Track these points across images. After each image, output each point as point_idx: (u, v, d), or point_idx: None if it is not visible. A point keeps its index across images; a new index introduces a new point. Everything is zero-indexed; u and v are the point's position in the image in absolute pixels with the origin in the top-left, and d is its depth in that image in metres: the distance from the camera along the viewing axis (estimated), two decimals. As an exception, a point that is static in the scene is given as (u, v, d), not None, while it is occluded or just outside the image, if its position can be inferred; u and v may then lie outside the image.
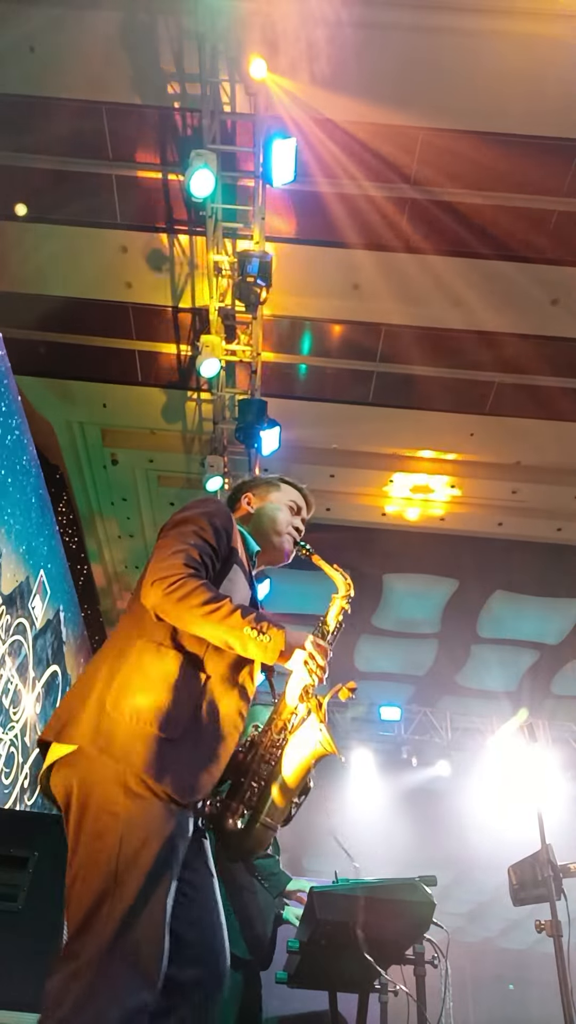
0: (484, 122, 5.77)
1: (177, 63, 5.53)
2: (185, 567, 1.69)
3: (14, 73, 5.71)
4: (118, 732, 1.55)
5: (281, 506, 2.18)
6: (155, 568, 1.70)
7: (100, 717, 1.57)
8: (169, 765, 1.54)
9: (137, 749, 1.53)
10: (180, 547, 1.74)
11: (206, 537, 1.81)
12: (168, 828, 1.52)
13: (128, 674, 1.64)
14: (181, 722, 1.61)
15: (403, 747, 11.04)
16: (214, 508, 1.93)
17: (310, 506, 2.26)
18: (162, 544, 1.79)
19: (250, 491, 2.22)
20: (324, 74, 5.56)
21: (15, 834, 2.70)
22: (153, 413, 8.28)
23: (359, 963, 2.14)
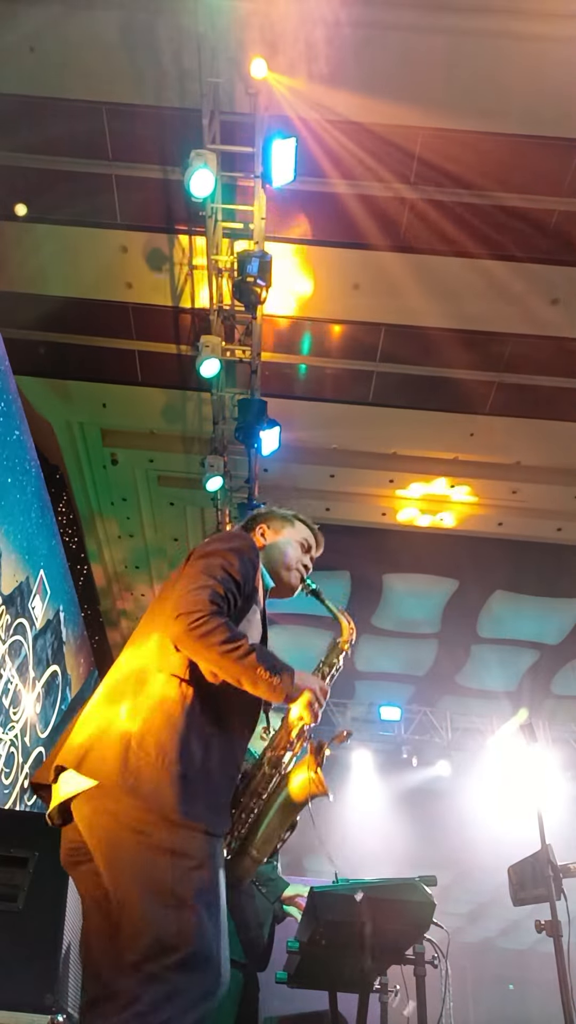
0: (484, 122, 5.77)
1: (177, 63, 5.53)
2: (210, 603, 1.73)
3: (14, 73, 5.70)
4: (145, 770, 1.57)
5: (293, 542, 2.22)
6: (181, 601, 1.73)
7: (127, 755, 1.58)
8: (195, 800, 1.58)
9: (165, 787, 1.56)
10: (207, 582, 1.77)
11: (232, 574, 1.84)
12: (211, 855, 1.56)
13: (152, 710, 1.66)
14: (198, 758, 1.64)
15: (403, 747, 11.04)
16: (246, 546, 1.96)
17: (320, 545, 2.29)
18: (190, 574, 1.82)
19: (265, 523, 2.25)
20: (324, 74, 5.56)
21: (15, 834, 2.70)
22: (153, 413, 8.28)
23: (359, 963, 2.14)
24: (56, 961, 2.45)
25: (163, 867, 1.51)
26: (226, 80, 5.37)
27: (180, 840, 1.53)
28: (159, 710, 1.66)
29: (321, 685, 1.83)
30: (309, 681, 1.80)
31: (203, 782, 1.62)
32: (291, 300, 7.01)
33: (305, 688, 1.78)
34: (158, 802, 1.54)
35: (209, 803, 1.61)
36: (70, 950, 2.56)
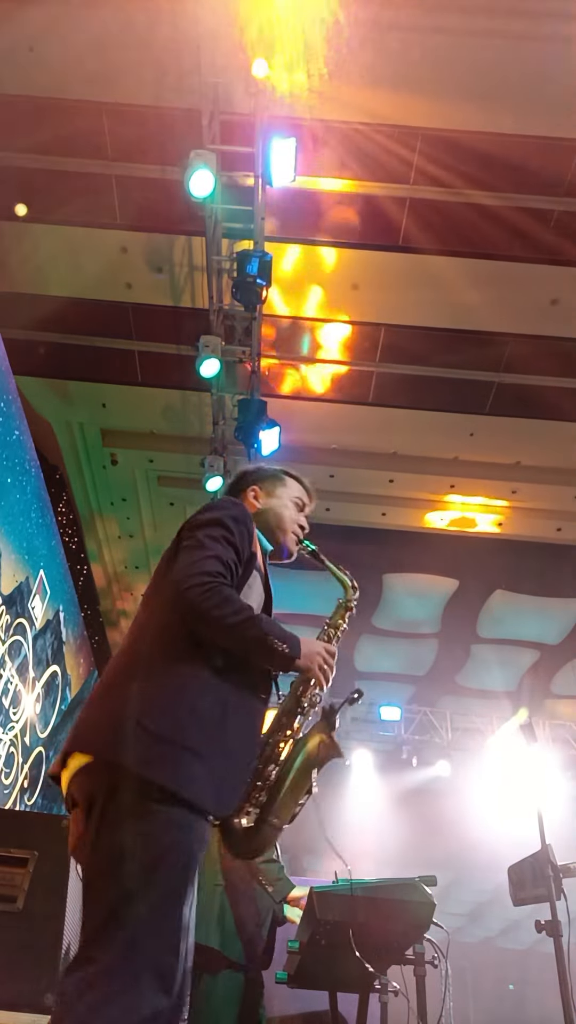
0: (484, 121, 5.77)
1: (177, 63, 5.53)
2: (216, 575, 1.70)
3: (14, 73, 5.71)
4: (149, 746, 1.54)
5: (287, 503, 2.16)
6: (186, 571, 1.70)
7: (128, 731, 1.55)
8: (196, 778, 1.54)
9: (167, 762, 1.53)
10: (209, 552, 1.75)
11: (232, 542, 1.82)
12: (188, 838, 1.52)
13: (158, 687, 1.62)
14: (208, 735, 1.60)
15: (403, 747, 11.03)
16: (238, 511, 1.92)
17: (312, 500, 2.24)
18: (190, 546, 1.78)
19: (256, 484, 2.18)
20: (323, 73, 5.56)
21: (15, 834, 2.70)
22: (153, 413, 8.28)
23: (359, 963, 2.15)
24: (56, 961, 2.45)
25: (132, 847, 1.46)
26: (226, 80, 5.37)
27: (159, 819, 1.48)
28: (166, 686, 1.62)
29: (327, 647, 1.83)
30: (315, 646, 1.81)
31: (214, 760, 1.58)
32: (291, 300, 7.01)
33: (313, 653, 1.78)
34: (156, 774, 1.50)
35: (214, 782, 1.57)
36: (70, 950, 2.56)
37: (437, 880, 2.33)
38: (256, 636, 1.68)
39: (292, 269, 6.68)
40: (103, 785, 1.53)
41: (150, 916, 1.42)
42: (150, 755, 1.52)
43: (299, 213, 6.38)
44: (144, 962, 1.39)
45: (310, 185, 6.13)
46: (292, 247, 6.57)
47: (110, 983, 1.35)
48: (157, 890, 1.45)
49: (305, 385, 8.00)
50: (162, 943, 1.42)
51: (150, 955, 1.40)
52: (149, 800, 1.49)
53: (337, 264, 6.74)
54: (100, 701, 1.67)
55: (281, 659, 1.72)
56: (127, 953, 1.38)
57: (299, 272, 6.77)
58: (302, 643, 1.76)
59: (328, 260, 6.73)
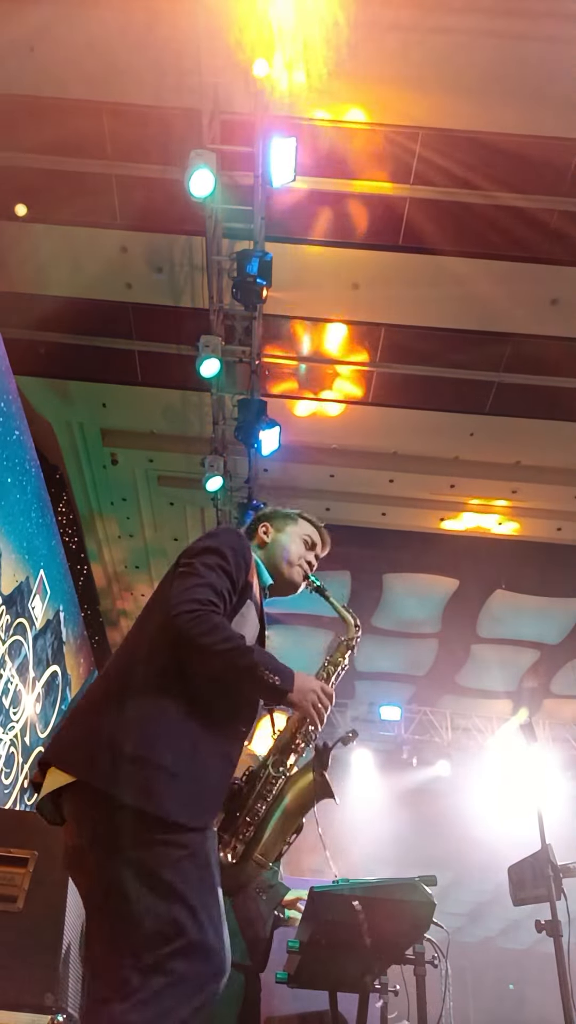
0: (484, 122, 5.77)
1: (177, 63, 5.53)
2: (207, 603, 1.71)
3: (14, 73, 5.70)
4: (124, 767, 1.56)
5: (295, 538, 2.19)
6: (178, 599, 1.71)
7: (107, 752, 1.58)
8: (177, 796, 1.57)
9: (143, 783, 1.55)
10: (203, 580, 1.76)
11: (227, 570, 1.83)
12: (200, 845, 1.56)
13: (134, 708, 1.64)
14: (183, 755, 1.62)
15: (403, 747, 11.04)
16: (236, 541, 1.93)
17: (325, 543, 2.27)
18: (185, 572, 1.80)
19: (268, 521, 2.23)
20: (323, 73, 5.56)
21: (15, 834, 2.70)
22: (153, 413, 8.28)
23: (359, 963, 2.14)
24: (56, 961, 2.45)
25: (152, 860, 1.51)
26: (226, 80, 5.37)
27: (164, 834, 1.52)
28: (142, 708, 1.64)
29: (323, 686, 1.80)
30: (311, 683, 1.77)
31: (187, 777, 1.60)
32: (291, 300, 7.01)
33: (307, 690, 1.75)
34: (136, 798, 1.53)
35: (193, 799, 1.59)
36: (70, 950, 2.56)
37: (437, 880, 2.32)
38: (246, 665, 1.67)
39: (292, 269, 6.68)
40: (92, 809, 1.56)
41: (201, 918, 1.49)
42: (123, 777, 1.55)
43: (299, 213, 6.38)
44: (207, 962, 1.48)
45: (310, 185, 6.13)
46: (292, 247, 6.56)
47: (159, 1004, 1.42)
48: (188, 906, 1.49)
49: (305, 385, 8.00)
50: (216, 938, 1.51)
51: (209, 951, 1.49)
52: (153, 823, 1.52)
53: (337, 264, 6.74)
54: (82, 719, 1.69)
55: (271, 692, 1.71)
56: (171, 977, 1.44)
57: (299, 272, 6.77)
58: (297, 678, 1.73)
59: (328, 260, 6.72)
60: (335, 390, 7.95)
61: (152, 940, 1.46)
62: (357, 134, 5.91)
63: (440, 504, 8.90)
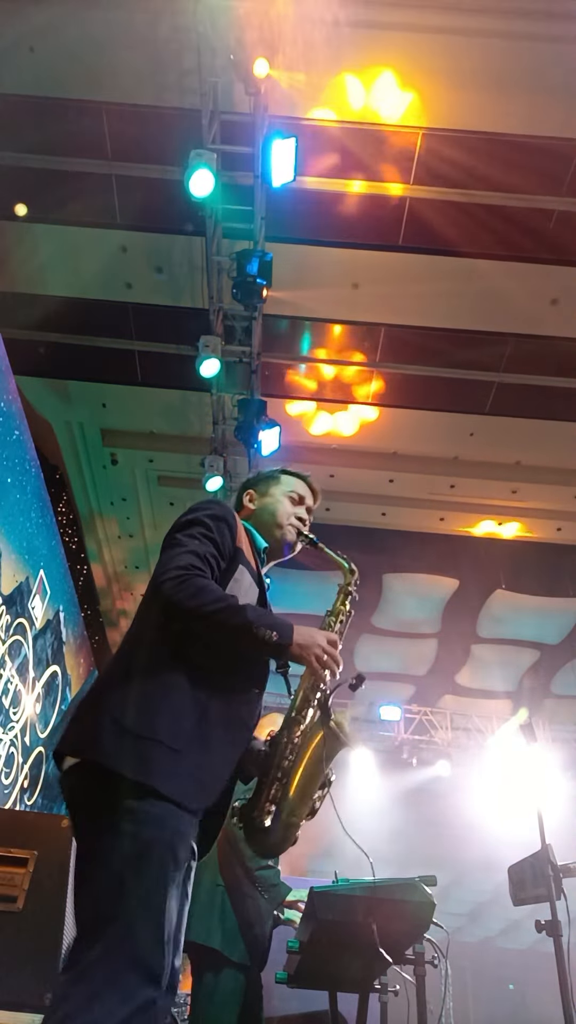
0: (484, 122, 5.77)
1: (177, 63, 5.53)
2: (191, 567, 1.69)
3: (14, 73, 5.71)
4: (124, 742, 1.55)
5: (281, 498, 2.14)
6: (161, 568, 1.70)
7: (108, 729, 1.57)
8: (173, 772, 1.54)
9: (141, 757, 1.54)
10: (184, 548, 1.74)
11: (211, 537, 1.81)
12: (166, 833, 1.52)
13: (136, 686, 1.63)
14: (187, 732, 1.60)
15: (403, 747, 11.03)
16: (218, 509, 1.91)
17: (315, 494, 2.21)
18: (167, 545, 1.79)
19: (252, 488, 2.20)
20: (323, 73, 5.56)
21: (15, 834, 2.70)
22: (153, 413, 8.28)
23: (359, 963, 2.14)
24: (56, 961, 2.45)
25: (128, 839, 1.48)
26: (226, 80, 5.37)
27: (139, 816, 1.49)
28: (144, 686, 1.62)
29: (328, 635, 1.75)
30: (313, 634, 1.72)
31: (192, 756, 1.58)
32: (291, 300, 7.01)
33: (310, 643, 1.70)
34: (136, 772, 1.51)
35: (192, 777, 1.57)
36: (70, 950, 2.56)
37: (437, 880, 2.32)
38: (239, 623, 1.63)
39: (292, 269, 6.68)
40: (85, 785, 1.56)
41: (135, 911, 1.44)
42: (124, 751, 1.53)
43: (299, 212, 6.38)
44: (130, 956, 1.41)
45: (310, 185, 6.13)
46: (292, 247, 6.56)
47: (98, 978, 1.37)
48: (140, 885, 1.46)
49: (305, 385, 8.00)
50: (148, 937, 1.44)
51: (137, 949, 1.42)
52: (127, 798, 1.50)
53: (337, 264, 6.74)
54: (85, 704, 1.68)
55: (271, 648, 1.66)
56: (113, 948, 1.40)
57: (299, 272, 6.77)
58: (296, 631, 1.69)
59: (328, 260, 6.72)
60: (336, 390, 7.95)
61: (80, 937, 1.46)
62: (357, 134, 5.91)
63: (440, 504, 8.90)
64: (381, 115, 5.81)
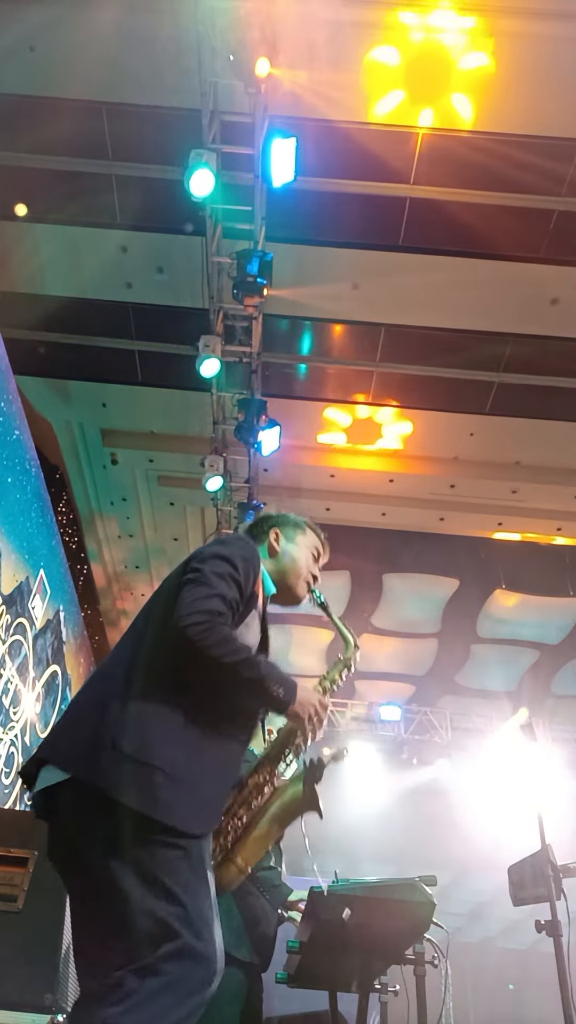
0: (484, 122, 5.77)
1: (177, 63, 5.53)
2: (218, 614, 1.71)
3: (14, 73, 5.71)
4: (124, 767, 1.56)
5: (304, 549, 2.17)
6: (188, 608, 1.69)
7: (106, 751, 1.57)
8: (174, 802, 1.57)
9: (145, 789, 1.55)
10: (213, 591, 1.74)
11: (237, 580, 1.81)
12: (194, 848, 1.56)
13: (138, 711, 1.64)
14: (182, 758, 1.62)
15: (403, 747, 11.03)
16: (248, 551, 1.92)
17: (326, 554, 2.25)
18: (195, 580, 1.77)
19: (278, 528, 2.19)
20: (324, 73, 5.56)
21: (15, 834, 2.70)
22: (153, 413, 8.28)
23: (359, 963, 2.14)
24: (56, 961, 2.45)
25: (148, 861, 1.51)
26: (226, 80, 5.36)
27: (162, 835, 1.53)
28: (146, 710, 1.64)
29: (321, 700, 1.82)
30: (311, 696, 1.80)
31: (187, 782, 1.60)
32: (291, 300, 7.01)
33: (307, 703, 1.78)
34: (138, 801, 1.53)
35: (194, 805, 1.59)
36: (70, 950, 2.56)
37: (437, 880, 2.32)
38: (253, 678, 1.70)
39: (292, 269, 6.68)
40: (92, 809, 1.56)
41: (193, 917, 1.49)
42: (124, 777, 1.55)
43: (299, 212, 6.38)
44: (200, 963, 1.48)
45: (310, 185, 6.12)
46: (292, 247, 6.56)
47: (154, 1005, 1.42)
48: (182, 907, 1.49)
49: (305, 385, 8.00)
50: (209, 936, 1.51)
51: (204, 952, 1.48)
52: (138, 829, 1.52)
53: (337, 264, 6.74)
54: (83, 717, 1.68)
55: (275, 703, 1.74)
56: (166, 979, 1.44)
57: (299, 272, 6.77)
58: (299, 691, 1.76)
59: (328, 260, 6.72)
60: (335, 390, 7.96)
61: (145, 942, 1.46)
62: (357, 134, 5.91)
63: (440, 504, 8.90)
64: (381, 114, 5.81)
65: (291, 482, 8.59)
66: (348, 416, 8.26)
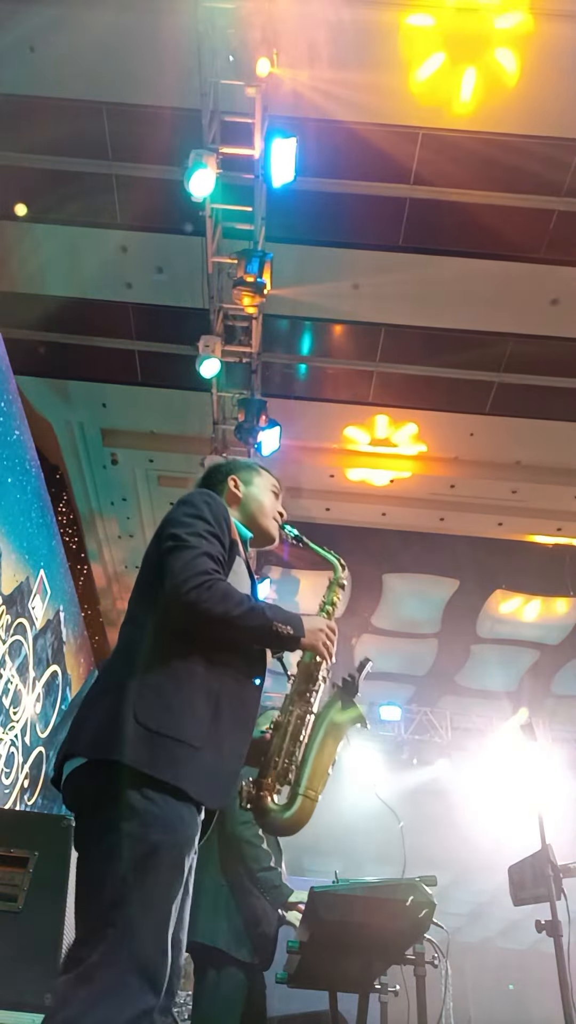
0: (484, 122, 5.76)
1: (177, 63, 5.53)
2: (211, 572, 1.70)
3: (14, 73, 5.71)
4: (146, 741, 1.54)
5: (265, 490, 2.18)
6: (181, 574, 1.68)
7: (127, 728, 1.55)
8: (194, 771, 1.56)
9: (165, 756, 1.54)
10: (198, 551, 1.74)
11: (215, 534, 1.82)
12: (176, 836, 1.52)
13: (149, 684, 1.63)
14: (204, 729, 1.62)
15: (403, 747, 11.03)
16: (214, 503, 1.92)
17: (282, 489, 2.29)
18: (177, 547, 1.76)
19: (234, 474, 2.19)
20: (324, 73, 5.56)
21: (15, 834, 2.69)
22: (153, 413, 8.28)
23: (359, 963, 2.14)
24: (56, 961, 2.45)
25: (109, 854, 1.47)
26: (226, 80, 5.36)
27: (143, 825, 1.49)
28: (159, 682, 1.63)
29: (329, 623, 1.88)
30: (318, 623, 1.86)
31: (209, 753, 1.59)
32: (291, 300, 7.01)
33: (316, 631, 1.83)
34: (151, 769, 1.51)
35: (210, 774, 1.58)
36: (70, 950, 2.56)
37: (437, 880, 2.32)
38: (262, 624, 1.71)
39: (293, 269, 6.67)
40: (92, 786, 1.55)
41: (138, 916, 1.43)
42: (148, 750, 1.53)
43: (299, 212, 6.38)
44: (131, 962, 1.40)
45: (310, 185, 6.12)
46: (292, 247, 6.56)
47: (98, 983, 1.37)
48: (145, 890, 1.45)
49: (305, 385, 8.00)
50: (150, 942, 1.44)
51: (137, 955, 1.41)
52: (142, 797, 1.50)
53: (337, 264, 6.74)
54: (94, 703, 1.66)
55: (288, 641, 1.77)
56: (115, 953, 1.40)
57: (299, 272, 6.77)
58: (304, 622, 1.80)
59: (328, 260, 6.72)
60: (335, 390, 7.95)
61: (81, 940, 1.45)
62: (357, 134, 5.91)
63: (440, 504, 8.90)
64: (381, 114, 5.81)
65: (291, 482, 8.59)
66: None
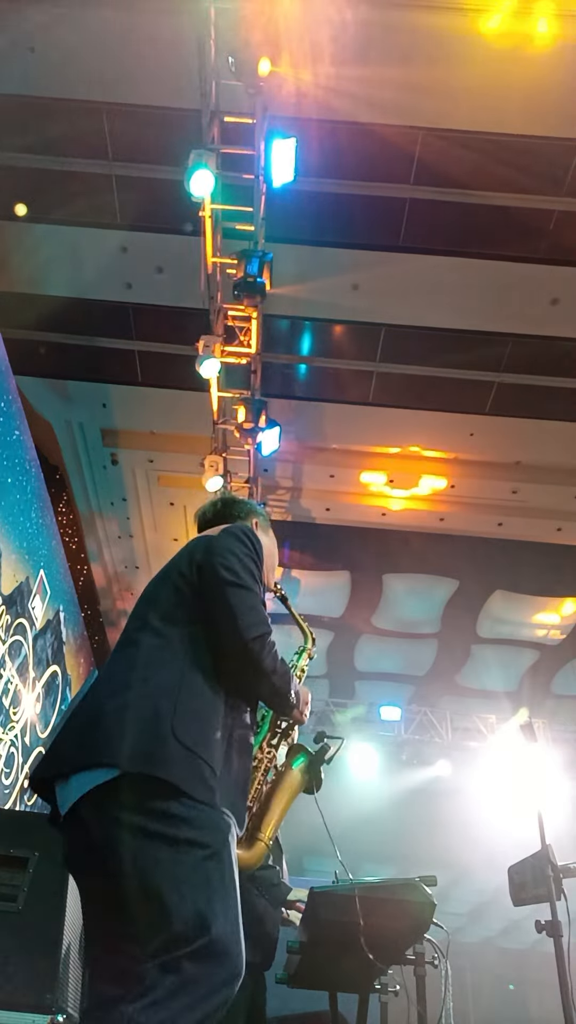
0: (484, 122, 5.76)
1: (177, 63, 5.52)
2: (267, 623, 1.79)
3: (14, 73, 5.70)
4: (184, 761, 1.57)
5: (272, 543, 2.26)
6: (248, 621, 1.75)
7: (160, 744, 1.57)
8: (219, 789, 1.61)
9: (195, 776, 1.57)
10: (258, 599, 1.83)
11: (258, 579, 1.91)
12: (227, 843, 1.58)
13: (187, 705, 1.65)
14: (221, 751, 1.67)
15: (403, 747, 11.03)
16: (258, 544, 1.98)
17: None
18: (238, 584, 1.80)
19: (257, 518, 2.25)
20: (325, 73, 5.56)
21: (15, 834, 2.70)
22: (153, 413, 8.28)
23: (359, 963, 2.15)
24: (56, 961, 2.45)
25: (178, 858, 1.50)
26: (226, 80, 5.36)
27: (197, 830, 1.52)
28: (197, 706, 1.66)
29: (307, 691, 2.02)
30: (306, 695, 2.01)
31: (226, 775, 1.65)
32: (291, 300, 7.01)
33: (304, 702, 2.00)
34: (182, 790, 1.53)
35: (229, 793, 1.64)
36: (70, 950, 2.56)
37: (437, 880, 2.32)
38: (287, 691, 1.87)
39: (292, 269, 6.67)
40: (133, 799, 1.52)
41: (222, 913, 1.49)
42: (187, 768, 1.56)
43: (299, 212, 6.38)
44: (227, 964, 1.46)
45: (310, 185, 6.12)
46: (292, 247, 6.56)
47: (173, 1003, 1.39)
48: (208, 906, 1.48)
49: (305, 385, 8.00)
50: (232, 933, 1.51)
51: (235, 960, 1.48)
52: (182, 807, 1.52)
53: (337, 264, 6.74)
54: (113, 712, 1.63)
55: (290, 710, 1.94)
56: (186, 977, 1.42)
57: (299, 272, 6.77)
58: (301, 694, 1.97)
59: (328, 260, 6.72)
60: (335, 390, 7.95)
61: (168, 940, 1.43)
62: (357, 134, 5.91)
63: (440, 504, 8.90)
64: (382, 115, 5.81)
65: (291, 482, 8.59)
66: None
